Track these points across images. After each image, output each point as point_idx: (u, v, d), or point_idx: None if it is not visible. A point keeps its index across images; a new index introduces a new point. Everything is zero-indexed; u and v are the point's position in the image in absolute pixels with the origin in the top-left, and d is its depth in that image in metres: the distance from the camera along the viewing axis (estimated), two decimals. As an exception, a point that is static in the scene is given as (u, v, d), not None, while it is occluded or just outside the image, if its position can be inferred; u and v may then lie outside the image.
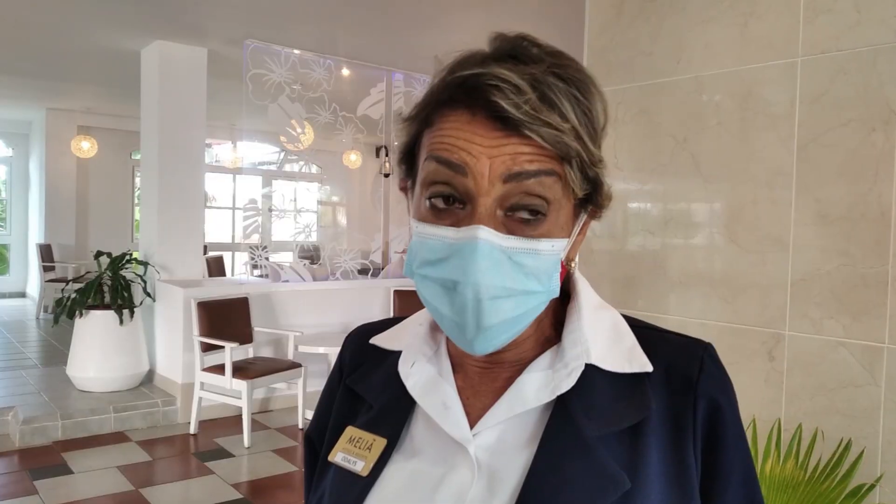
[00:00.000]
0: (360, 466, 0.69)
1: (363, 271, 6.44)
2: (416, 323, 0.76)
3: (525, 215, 0.61)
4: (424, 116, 0.65)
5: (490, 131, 0.60)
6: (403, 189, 0.73)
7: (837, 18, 1.85)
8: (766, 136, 1.99)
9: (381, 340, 0.78)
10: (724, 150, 2.08)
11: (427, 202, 0.64)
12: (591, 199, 0.67)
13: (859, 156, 1.81)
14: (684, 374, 0.67)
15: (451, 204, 0.62)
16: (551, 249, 0.63)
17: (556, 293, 0.65)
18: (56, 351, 7.13)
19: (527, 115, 0.59)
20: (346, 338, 0.83)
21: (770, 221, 1.98)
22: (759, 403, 1.99)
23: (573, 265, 0.71)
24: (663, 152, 2.23)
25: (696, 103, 2.15)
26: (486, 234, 0.60)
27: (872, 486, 1.75)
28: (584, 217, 0.68)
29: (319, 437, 0.79)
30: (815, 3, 1.89)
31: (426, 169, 0.63)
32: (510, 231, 0.61)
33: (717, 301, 2.10)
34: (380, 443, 0.70)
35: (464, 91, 0.61)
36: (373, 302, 6.20)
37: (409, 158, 0.70)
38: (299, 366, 5.08)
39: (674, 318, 2.20)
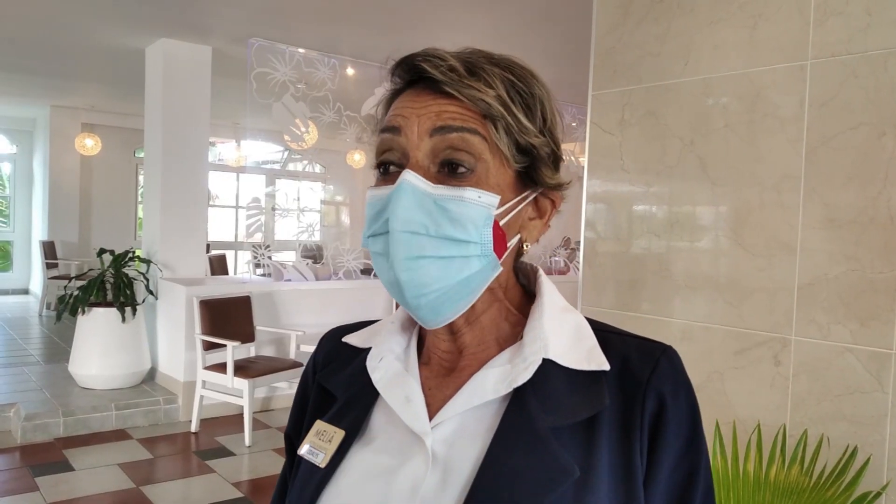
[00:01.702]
0: (321, 458, 0.72)
1: (366, 271, 6.44)
2: (388, 322, 0.79)
3: (453, 169, 0.66)
4: (383, 115, 0.73)
5: (420, 97, 0.68)
6: None
7: (848, 21, 1.83)
8: (775, 140, 1.97)
9: (353, 339, 0.81)
10: (731, 152, 2.07)
11: (377, 172, 0.70)
12: (533, 175, 0.71)
13: (869, 160, 1.79)
14: (637, 374, 0.69)
15: (392, 169, 0.69)
16: (478, 199, 0.66)
17: (490, 249, 0.67)
18: (58, 348, 7.13)
19: (449, 76, 0.66)
20: (321, 338, 0.86)
21: (777, 225, 1.96)
22: (764, 409, 1.98)
23: (526, 247, 0.73)
24: (670, 154, 2.21)
25: (703, 105, 2.13)
26: (410, 177, 0.65)
27: (879, 494, 1.73)
28: (530, 195, 0.72)
29: (296, 433, 0.82)
30: (825, 6, 1.87)
31: (375, 144, 0.71)
32: (440, 183, 0.66)
33: (723, 305, 2.09)
34: (339, 435, 0.72)
35: (402, 72, 0.70)
36: (375, 302, 6.19)
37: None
38: (301, 365, 5.07)
39: (678, 322, 2.18)
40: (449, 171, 0.67)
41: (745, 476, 1.80)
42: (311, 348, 5.11)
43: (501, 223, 0.68)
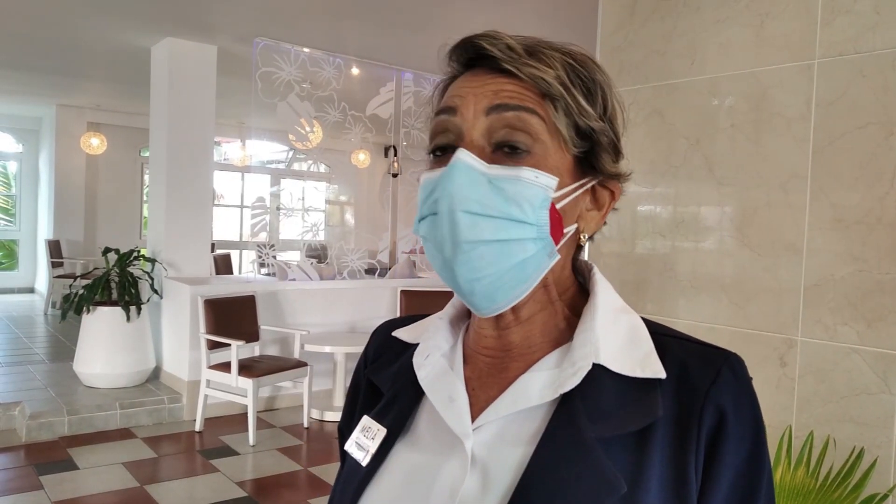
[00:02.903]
0: (363, 456, 0.71)
1: (370, 271, 6.43)
2: (437, 317, 0.77)
3: (511, 149, 0.64)
4: (438, 100, 0.70)
5: (477, 76, 0.66)
6: None
7: (856, 20, 1.82)
8: (781, 139, 1.96)
9: (402, 333, 0.80)
10: (737, 152, 2.05)
11: (431, 156, 0.68)
12: (594, 162, 0.68)
13: (876, 160, 1.78)
14: (696, 383, 0.64)
15: (448, 152, 0.66)
16: (535, 179, 0.63)
17: (546, 232, 0.64)
18: (63, 347, 7.15)
19: (508, 55, 0.64)
20: (373, 331, 0.85)
21: (784, 225, 1.95)
22: (770, 410, 1.96)
23: (584, 238, 0.70)
24: (676, 154, 2.20)
25: (709, 105, 2.12)
26: (463, 155, 0.63)
27: (886, 496, 1.72)
28: (588, 181, 0.69)
29: (347, 427, 0.80)
30: (833, 4, 1.86)
31: (431, 127, 0.68)
32: (496, 163, 0.64)
33: (728, 305, 2.08)
34: (381, 432, 0.71)
35: (460, 53, 0.68)
36: (380, 302, 6.19)
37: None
38: (305, 365, 5.07)
39: (683, 322, 2.17)
40: (505, 151, 0.64)
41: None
42: (316, 348, 5.12)
43: (559, 206, 0.65)
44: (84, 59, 6.82)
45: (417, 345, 0.75)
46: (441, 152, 0.67)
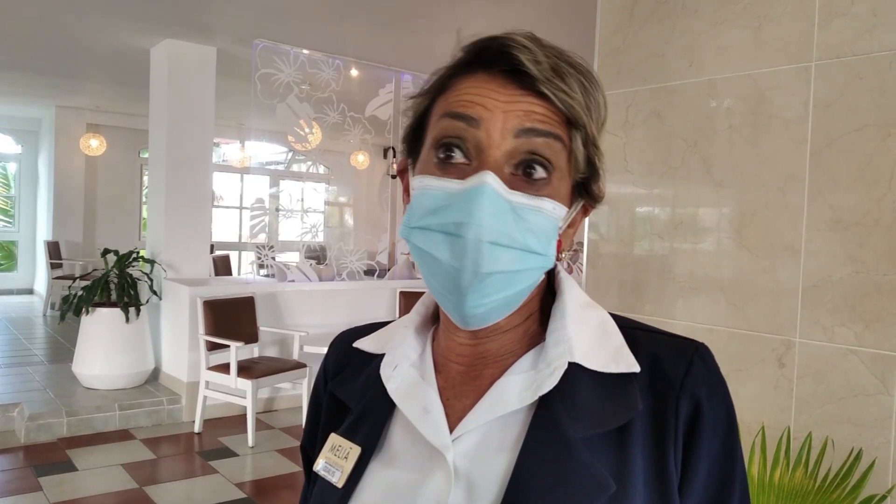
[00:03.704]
0: (337, 477, 0.68)
1: (369, 272, 6.43)
2: (402, 325, 0.74)
3: (530, 174, 0.62)
4: (440, 85, 0.66)
5: (507, 88, 0.62)
6: (401, 172, 0.71)
7: (853, 22, 1.82)
8: (779, 141, 1.97)
9: (364, 344, 0.76)
10: (735, 154, 2.06)
11: (435, 158, 0.63)
12: (587, 187, 0.67)
13: (874, 162, 1.79)
14: (670, 375, 0.64)
15: (458, 159, 0.62)
16: (553, 211, 0.62)
17: (552, 262, 0.64)
18: (62, 348, 7.14)
19: (543, 73, 0.60)
20: (331, 343, 0.81)
21: (782, 227, 1.96)
22: (768, 411, 1.97)
23: (564, 255, 0.69)
24: (674, 156, 2.21)
25: (707, 107, 2.13)
26: (493, 180, 0.60)
27: (884, 498, 1.72)
28: (578, 205, 0.68)
29: (311, 446, 0.77)
30: (830, 7, 1.86)
31: (439, 126, 0.63)
32: (514, 188, 0.61)
33: (727, 306, 2.08)
34: (355, 451, 0.68)
35: (483, 53, 0.63)
36: (378, 303, 6.19)
37: (414, 134, 0.69)
38: (304, 366, 5.07)
39: (681, 324, 2.18)
40: (524, 175, 0.62)
41: (748, 479, 1.79)
42: (315, 349, 5.12)
43: (560, 233, 0.65)
44: (83, 60, 6.82)
45: (382, 355, 0.72)
46: (447, 156, 0.63)
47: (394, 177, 8.47)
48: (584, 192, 0.68)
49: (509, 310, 0.64)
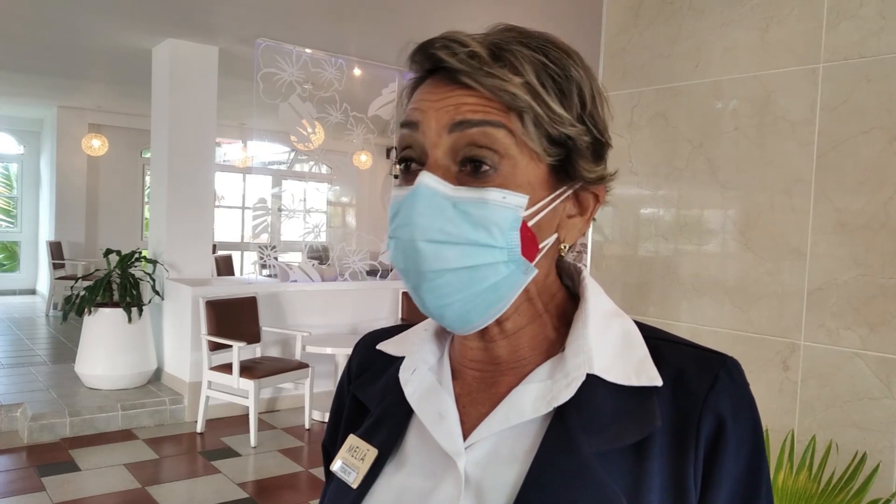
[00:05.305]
0: (353, 478, 0.67)
1: (372, 272, 6.43)
2: (422, 328, 0.74)
3: (478, 168, 0.61)
4: (407, 100, 0.67)
5: (438, 87, 0.62)
6: None
7: (861, 24, 1.82)
8: (785, 143, 1.96)
9: (387, 346, 0.76)
10: (741, 156, 2.05)
11: (398, 168, 0.65)
12: (570, 170, 0.63)
13: (881, 164, 1.78)
14: (693, 390, 0.62)
15: (415, 166, 0.63)
16: (502, 201, 0.60)
17: (518, 254, 0.61)
18: (65, 348, 7.15)
19: (467, 64, 0.60)
20: (356, 344, 0.81)
21: (787, 229, 1.95)
22: (772, 414, 1.96)
23: (564, 248, 0.67)
24: (679, 157, 2.20)
25: (713, 108, 2.12)
26: (427, 179, 0.60)
27: (888, 501, 1.72)
28: (566, 190, 0.64)
29: (332, 445, 0.78)
30: (838, 9, 1.86)
31: (397, 138, 0.65)
32: (461, 184, 0.61)
33: (731, 309, 2.08)
34: (372, 453, 0.68)
35: (420, 60, 0.64)
36: (381, 303, 6.19)
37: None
38: (307, 366, 5.07)
39: (685, 326, 2.17)
40: (471, 169, 0.61)
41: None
42: (317, 349, 5.11)
43: (531, 224, 0.62)
44: (85, 60, 6.82)
45: (403, 358, 0.72)
46: (407, 167, 0.64)
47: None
48: (571, 174, 0.64)
49: (494, 309, 0.62)
